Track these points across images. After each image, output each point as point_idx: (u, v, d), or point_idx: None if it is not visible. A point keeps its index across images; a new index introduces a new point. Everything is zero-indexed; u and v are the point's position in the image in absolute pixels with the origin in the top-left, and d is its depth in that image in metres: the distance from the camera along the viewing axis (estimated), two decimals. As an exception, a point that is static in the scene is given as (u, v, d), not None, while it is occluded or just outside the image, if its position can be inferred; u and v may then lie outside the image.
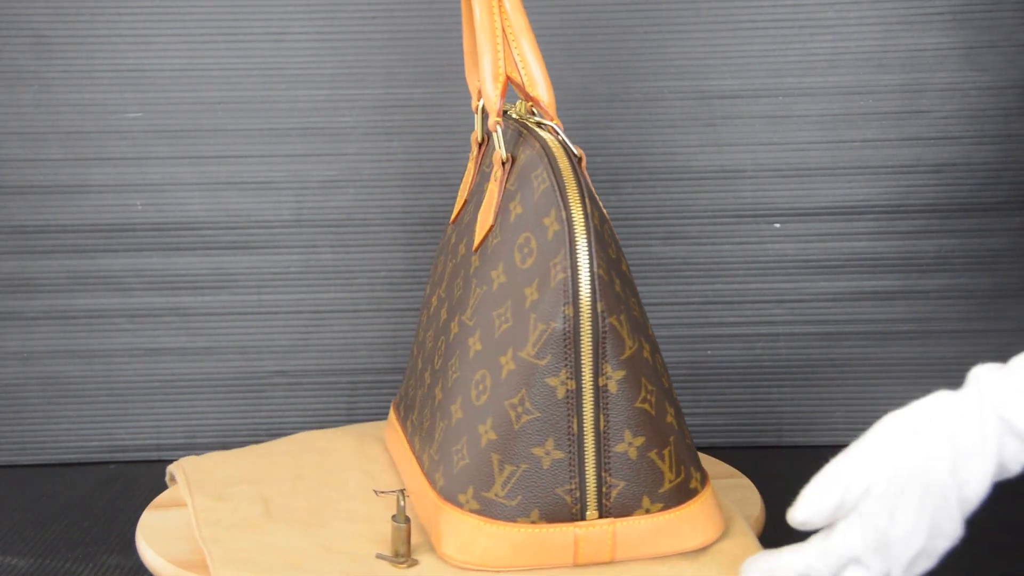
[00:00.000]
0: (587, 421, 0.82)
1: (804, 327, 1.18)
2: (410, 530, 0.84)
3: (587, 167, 0.88)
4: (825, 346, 1.18)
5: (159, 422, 1.19)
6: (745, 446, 1.19)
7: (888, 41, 1.15)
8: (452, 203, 1.00)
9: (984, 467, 0.73)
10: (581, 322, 0.81)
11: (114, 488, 1.11)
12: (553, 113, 0.89)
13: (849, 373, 1.18)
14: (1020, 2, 1.14)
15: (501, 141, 0.87)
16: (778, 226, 1.17)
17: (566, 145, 0.85)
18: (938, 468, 0.74)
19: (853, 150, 1.16)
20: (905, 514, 0.74)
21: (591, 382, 0.81)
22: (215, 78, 1.16)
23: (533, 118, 0.92)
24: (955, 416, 0.75)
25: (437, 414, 0.88)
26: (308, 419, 1.19)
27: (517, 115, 0.95)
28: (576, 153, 0.85)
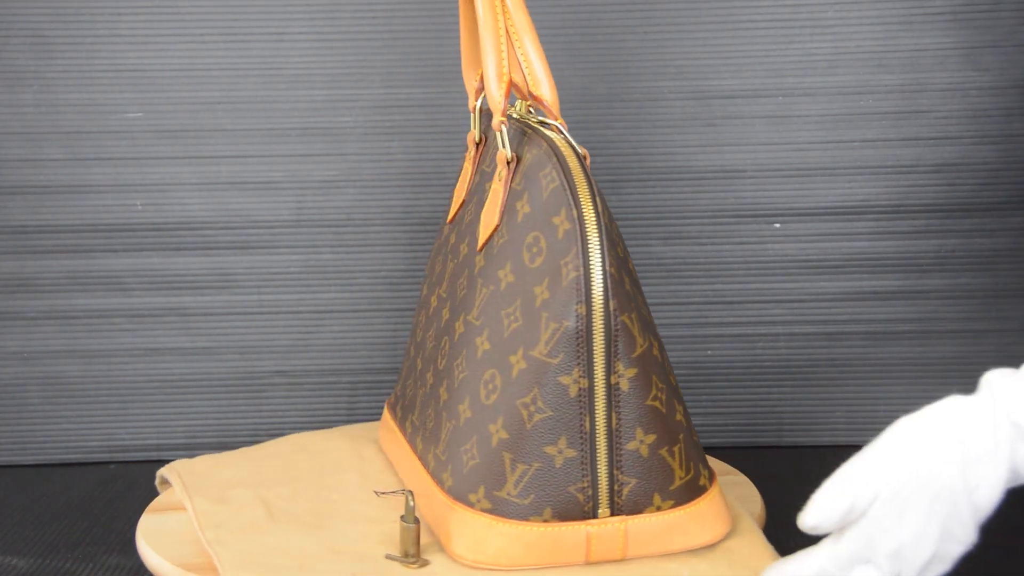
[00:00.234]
0: (599, 419, 0.82)
1: (804, 327, 1.18)
2: (419, 530, 0.84)
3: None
4: (825, 346, 1.18)
5: (159, 422, 1.19)
6: (745, 446, 1.19)
7: (888, 41, 1.15)
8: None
9: (996, 472, 0.73)
10: (594, 320, 0.81)
11: (114, 488, 1.11)
12: (557, 112, 0.89)
13: (849, 373, 1.18)
14: (1020, 2, 1.14)
15: (506, 141, 0.87)
16: (778, 226, 1.17)
17: (572, 144, 0.85)
18: (949, 473, 0.74)
19: (853, 150, 1.16)
20: (915, 518, 0.74)
21: (603, 380, 0.82)
22: (215, 78, 1.16)
23: (534, 117, 0.92)
24: (967, 421, 0.75)
25: (443, 414, 0.88)
26: (308, 419, 1.19)
27: (518, 115, 0.95)
28: (580, 152, 0.85)
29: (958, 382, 1.18)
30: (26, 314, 1.18)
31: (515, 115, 0.95)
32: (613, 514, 0.83)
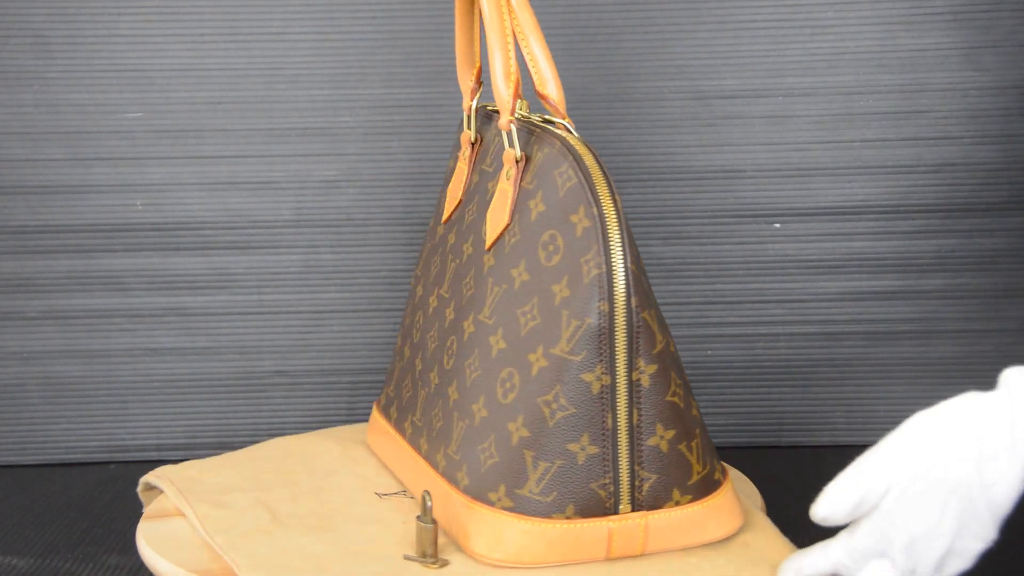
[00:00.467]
0: (621, 416, 0.82)
1: (804, 327, 1.18)
2: (437, 530, 0.84)
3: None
4: (825, 346, 1.18)
5: (159, 422, 1.19)
6: (745, 446, 1.19)
7: (888, 41, 1.15)
8: (452, 203, 0.99)
9: (1013, 469, 0.73)
10: (616, 317, 0.81)
11: (114, 488, 1.11)
12: (564, 111, 0.89)
13: (849, 373, 1.18)
14: (1020, 2, 1.14)
15: (516, 140, 0.87)
16: (778, 226, 1.17)
17: (586, 143, 0.86)
18: (964, 468, 0.74)
19: (853, 150, 1.16)
20: (928, 513, 0.74)
21: (625, 377, 0.82)
22: (215, 78, 1.16)
23: (536, 116, 0.92)
24: (984, 417, 0.75)
25: (454, 413, 0.88)
26: (308, 419, 1.19)
27: (519, 114, 0.95)
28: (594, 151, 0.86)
29: (958, 382, 1.18)
30: (26, 314, 1.18)
31: (518, 114, 0.95)
32: (634, 510, 0.84)
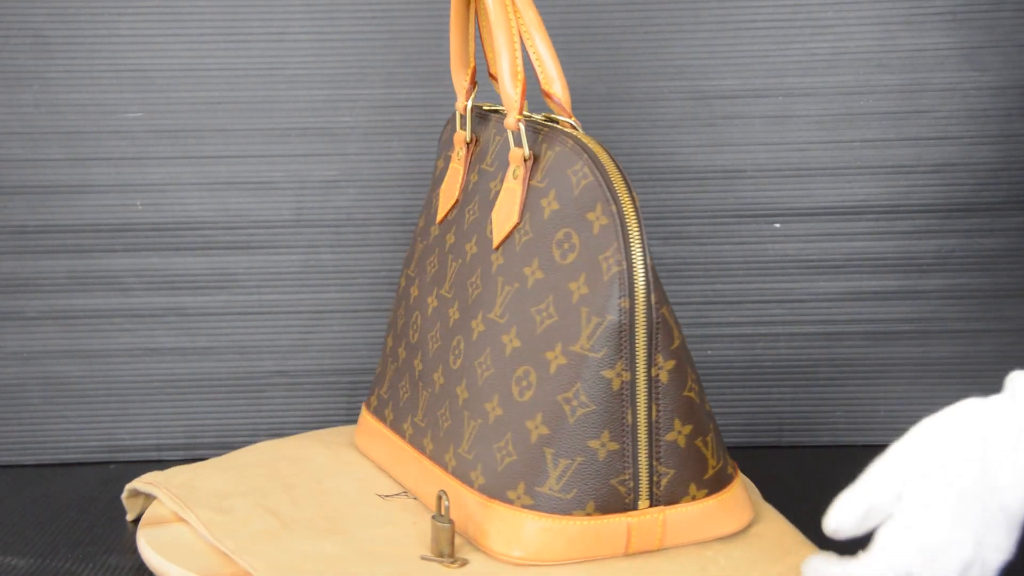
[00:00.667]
0: (640, 412, 0.83)
1: (804, 327, 1.18)
2: (454, 530, 0.84)
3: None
4: (825, 346, 1.18)
5: (159, 422, 1.19)
6: (745, 446, 1.19)
7: (888, 41, 1.15)
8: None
9: (1020, 472, 0.73)
10: (636, 314, 0.82)
11: (114, 488, 1.11)
12: (569, 110, 0.89)
13: (849, 373, 1.18)
14: (1020, 2, 1.14)
15: (524, 139, 0.88)
16: (778, 226, 1.17)
17: (598, 141, 0.86)
18: (972, 473, 0.73)
19: (853, 150, 1.16)
20: (941, 520, 0.73)
21: (645, 373, 0.83)
22: (215, 78, 1.16)
23: (536, 115, 0.92)
24: (989, 420, 0.74)
25: (464, 413, 0.88)
26: (308, 419, 1.19)
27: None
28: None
29: (958, 382, 1.18)
30: (26, 314, 1.18)
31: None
32: (652, 505, 0.84)
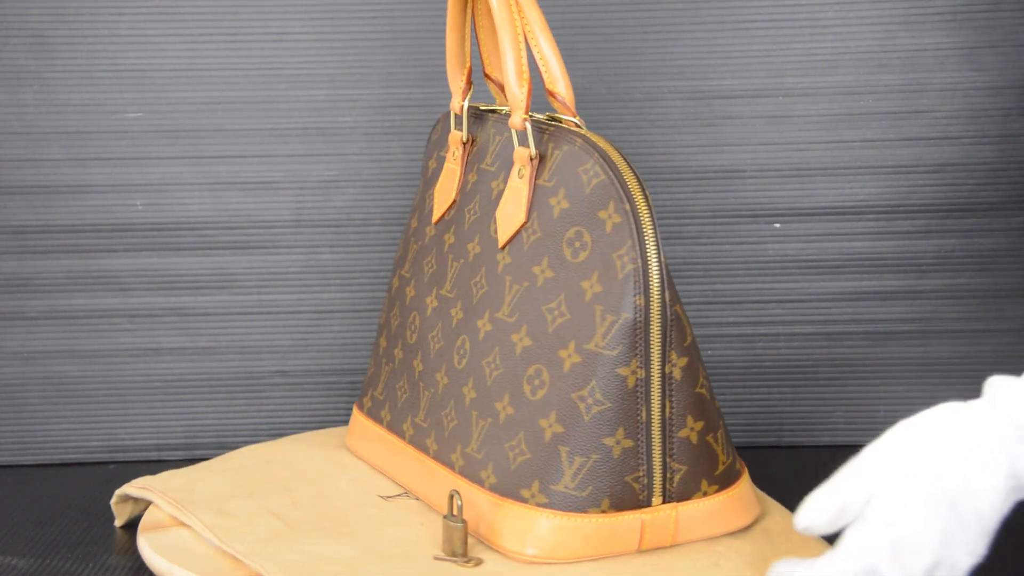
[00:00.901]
0: (655, 409, 0.84)
1: (804, 327, 1.18)
2: (467, 529, 0.84)
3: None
4: (825, 346, 1.18)
5: (159, 422, 1.19)
6: (745, 446, 1.19)
7: (888, 41, 1.15)
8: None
9: (996, 476, 0.73)
10: (651, 312, 0.83)
11: (114, 488, 1.11)
12: (574, 109, 0.89)
13: (849, 373, 1.18)
14: (1020, 2, 1.14)
15: (531, 139, 0.88)
16: (778, 226, 1.17)
17: (608, 140, 0.87)
18: (945, 475, 0.74)
19: (853, 150, 1.16)
20: (911, 521, 0.74)
21: (659, 370, 0.83)
22: (215, 78, 1.16)
23: (537, 115, 0.92)
24: (966, 424, 0.74)
25: (472, 412, 0.89)
26: (308, 419, 1.19)
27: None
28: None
29: (958, 382, 1.18)
30: (26, 314, 1.18)
31: (508, 110, 0.95)
32: (665, 502, 0.85)
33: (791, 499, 0.97)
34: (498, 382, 0.87)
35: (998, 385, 0.75)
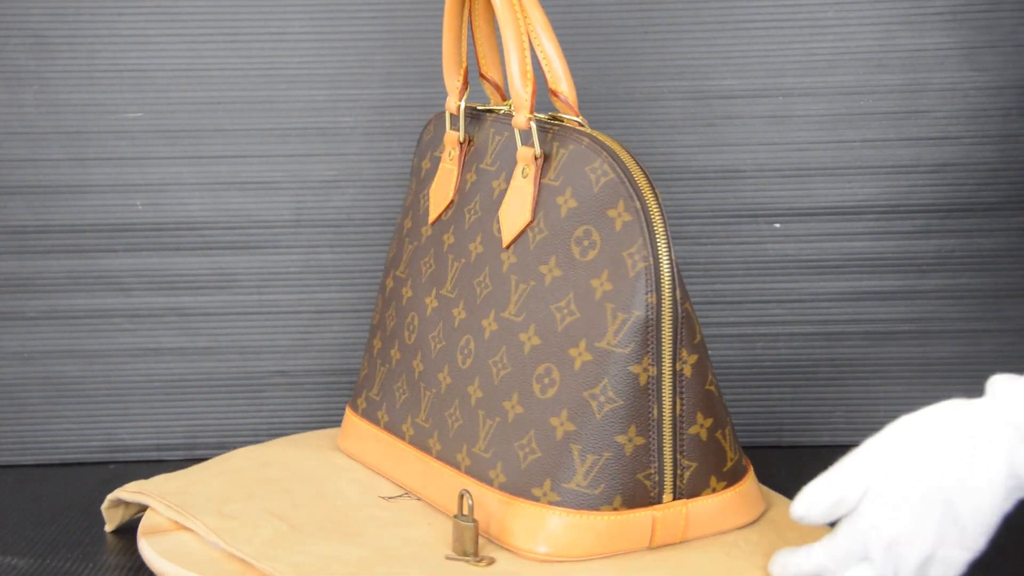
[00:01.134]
0: (666, 406, 0.84)
1: (804, 327, 1.18)
2: (478, 529, 0.84)
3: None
4: (825, 346, 1.18)
5: (159, 422, 1.19)
6: (744, 446, 1.18)
7: (888, 41, 1.15)
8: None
9: (994, 475, 0.73)
10: (663, 309, 0.83)
11: (114, 488, 1.11)
12: (577, 108, 0.90)
13: (849, 373, 1.18)
14: (1020, 2, 1.14)
15: (536, 138, 0.88)
16: (778, 226, 1.17)
17: (615, 139, 0.87)
18: (941, 472, 0.74)
19: (853, 150, 1.16)
20: (906, 516, 0.74)
21: (670, 367, 0.84)
22: (215, 78, 1.16)
23: (539, 115, 0.93)
24: (967, 422, 0.75)
25: (478, 412, 0.89)
26: (308, 419, 1.19)
27: (507, 111, 0.96)
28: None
29: (958, 382, 1.18)
30: (26, 314, 1.18)
31: (507, 110, 0.96)
32: (675, 498, 0.86)
33: (791, 499, 0.98)
34: (506, 381, 0.87)
35: (1000, 384, 0.75)
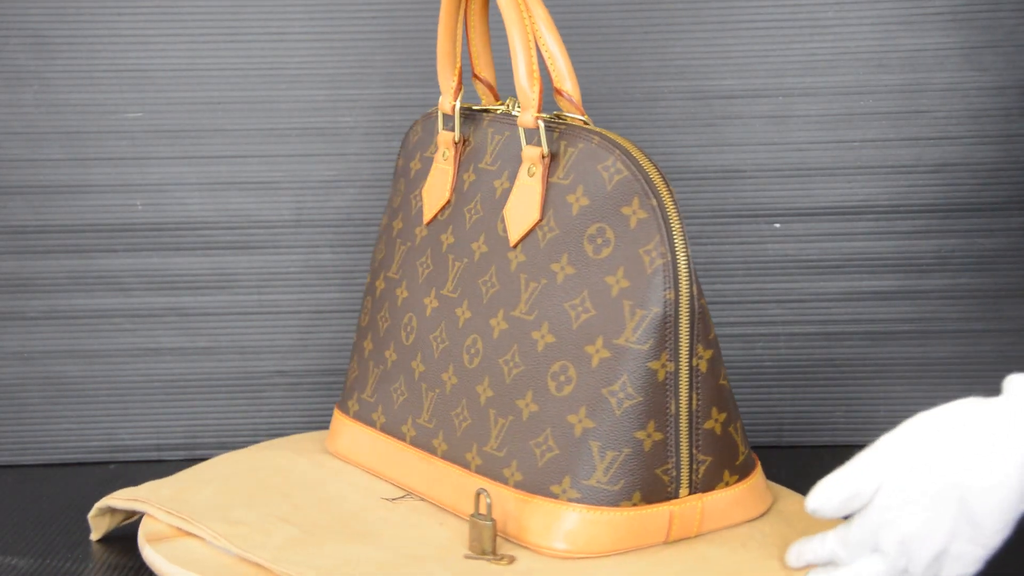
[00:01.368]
0: (683, 401, 0.85)
1: (804, 327, 1.18)
2: (496, 528, 0.84)
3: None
4: (825, 346, 1.18)
5: (159, 422, 1.19)
6: (745, 446, 1.19)
7: (888, 41, 1.15)
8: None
9: (1008, 473, 0.73)
10: (681, 306, 0.84)
11: (114, 488, 1.11)
12: (581, 107, 0.90)
13: (849, 373, 1.18)
14: (1020, 2, 1.14)
15: (544, 137, 0.88)
16: (778, 226, 1.17)
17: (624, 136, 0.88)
18: (954, 470, 0.74)
19: (853, 150, 1.16)
20: (918, 512, 0.75)
21: (687, 363, 0.85)
22: (215, 78, 1.16)
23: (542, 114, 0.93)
24: (983, 420, 0.75)
25: (489, 411, 0.89)
26: (308, 419, 1.19)
27: (504, 110, 0.96)
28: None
29: (958, 382, 1.18)
30: (26, 314, 1.18)
31: (515, 111, 0.95)
32: (691, 492, 0.86)
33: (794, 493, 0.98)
34: (518, 380, 0.88)
35: (1017, 383, 0.76)
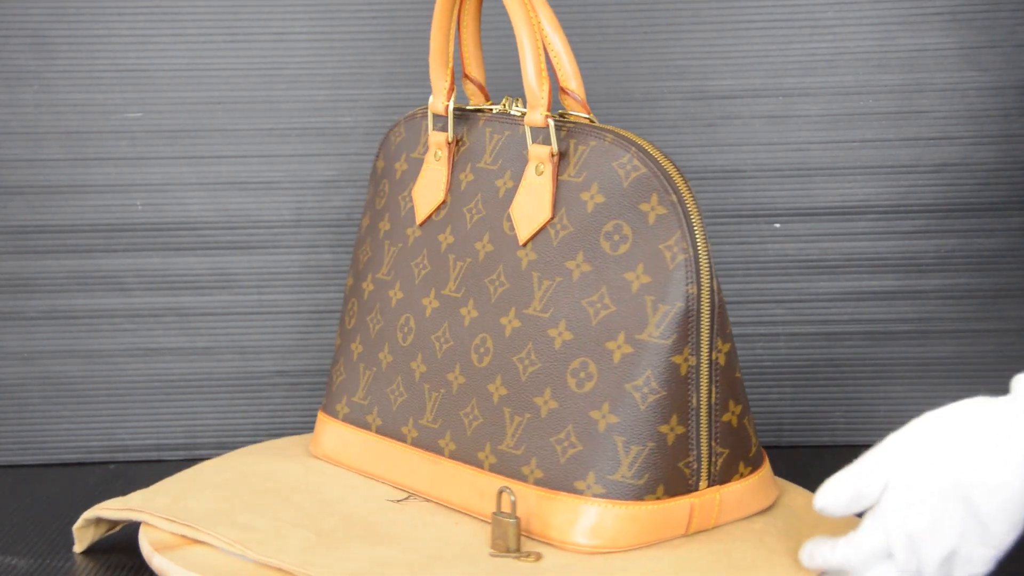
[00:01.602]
0: (703, 395, 0.86)
1: (804, 327, 1.18)
2: (520, 525, 0.85)
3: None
4: (825, 346, 1.18)
5: (159, 422, 1.19)
6: (745, 446, 1.19)
7: (888, 41, 1.15)
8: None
9: (1014, 472, 0.73)
10: (702, 300, 0.85)
11: (114, 488, 1.11)
12: (587, 106, 0.90)
13: (849, 373, 1.18)
14: (1020, 2, 1.14)
15: (554, 136, 0.89)
16: (778, 226, 1.17)
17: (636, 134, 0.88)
18: (964, 469, 0.74)
19: (853, 150, 1.16)
20: (925, 510, 0.75)
21: (707, 357, 0.85)
22: (215, 78, 1.16)
23: (521, 110, 0.94)
24: (990, 420, 0.75)
25: (503, 409, 0.89)
26: (308, 419, 1.19)
27: (501, 109, 0.96)
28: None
29: (958, 382, 1.18)
30: (26, 314, 1.18)
31: (516, 111, 0.95)
32: (709, 485, 0.87)
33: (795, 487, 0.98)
34: (535, 377, 0.88)
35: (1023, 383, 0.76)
